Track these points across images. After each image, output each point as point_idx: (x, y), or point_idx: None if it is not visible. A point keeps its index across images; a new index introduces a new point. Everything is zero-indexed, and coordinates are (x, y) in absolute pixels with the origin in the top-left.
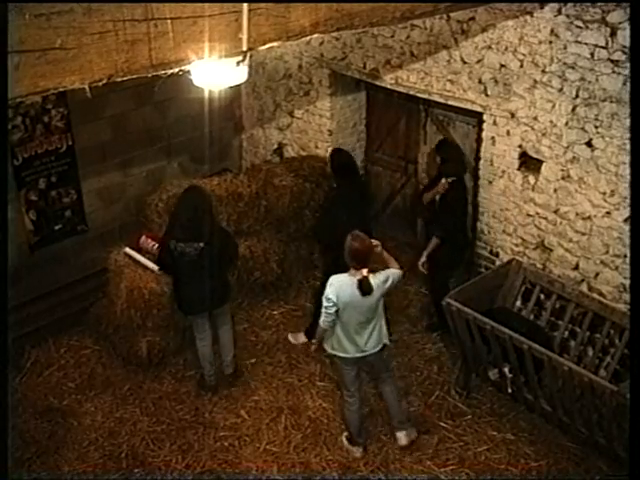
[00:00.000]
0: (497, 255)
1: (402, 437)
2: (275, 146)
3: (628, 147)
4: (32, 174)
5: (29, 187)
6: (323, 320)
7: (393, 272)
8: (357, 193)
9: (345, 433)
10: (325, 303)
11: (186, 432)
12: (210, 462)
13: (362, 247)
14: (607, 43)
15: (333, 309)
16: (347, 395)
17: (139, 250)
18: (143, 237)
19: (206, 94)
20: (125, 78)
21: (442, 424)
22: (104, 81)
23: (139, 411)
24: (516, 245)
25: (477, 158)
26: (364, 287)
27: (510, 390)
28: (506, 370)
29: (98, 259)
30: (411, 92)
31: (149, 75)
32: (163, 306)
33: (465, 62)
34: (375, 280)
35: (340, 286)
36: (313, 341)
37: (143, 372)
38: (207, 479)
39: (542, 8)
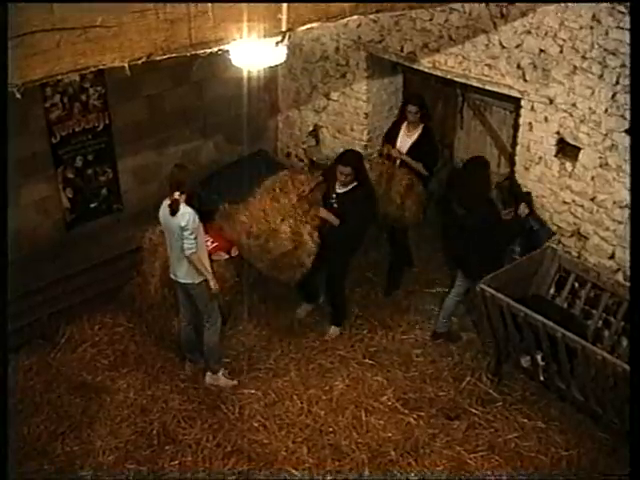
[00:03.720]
0: None
1: (208, 378)
2: (311, 128)
3: None
4: (69, 152)
5: (66, 165)
6: None
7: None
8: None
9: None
10: None
11: (217, 411)
12: (240, 442)
13: (181, 176)
14: None
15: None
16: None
17: None
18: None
19: (244, 74)
20: (164, 57)
21: (473, 410)
22: (143, 59)
23: (171, 389)
24: None
25: (514, 144)
26: (172, 206)
27: (542, 378)
28: (538, 358)
29: (133, 238)
30: (448, 76)
31: (188, 54)
32: None
33: (504, 47)
34: (184, 208)
35: (161, 208)
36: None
37: (175, 351)
38: (237, 458)
39: None
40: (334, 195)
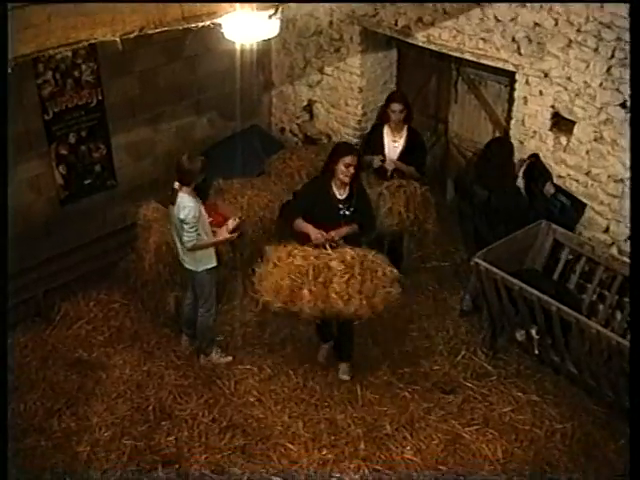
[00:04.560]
0: None
1: (202, 359)
2: (305, 103)
3: None
4: (62, 128)
5: (59, 141)
6: None
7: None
8: None
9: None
10: None
11: (212, 387)
12: (236, 416)
13: (185, 166)
14: None
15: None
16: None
17: None
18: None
19: (237, 48)
20: (156, 31)
21: (467, 384)
22: (135, 33)
23: (166, 365)
24: None
25: (508, 118)
26: (171, 196)
27: (537, 352)
28: (533, 332)
29: (127, 214)
30: (443, 50)
31: (180, 28)
32: None
33: (498, 20)
34: (185, 200)
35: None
36: None
37: (170, 326)
38: (232, 433)
39: None
40: (340, 205)
